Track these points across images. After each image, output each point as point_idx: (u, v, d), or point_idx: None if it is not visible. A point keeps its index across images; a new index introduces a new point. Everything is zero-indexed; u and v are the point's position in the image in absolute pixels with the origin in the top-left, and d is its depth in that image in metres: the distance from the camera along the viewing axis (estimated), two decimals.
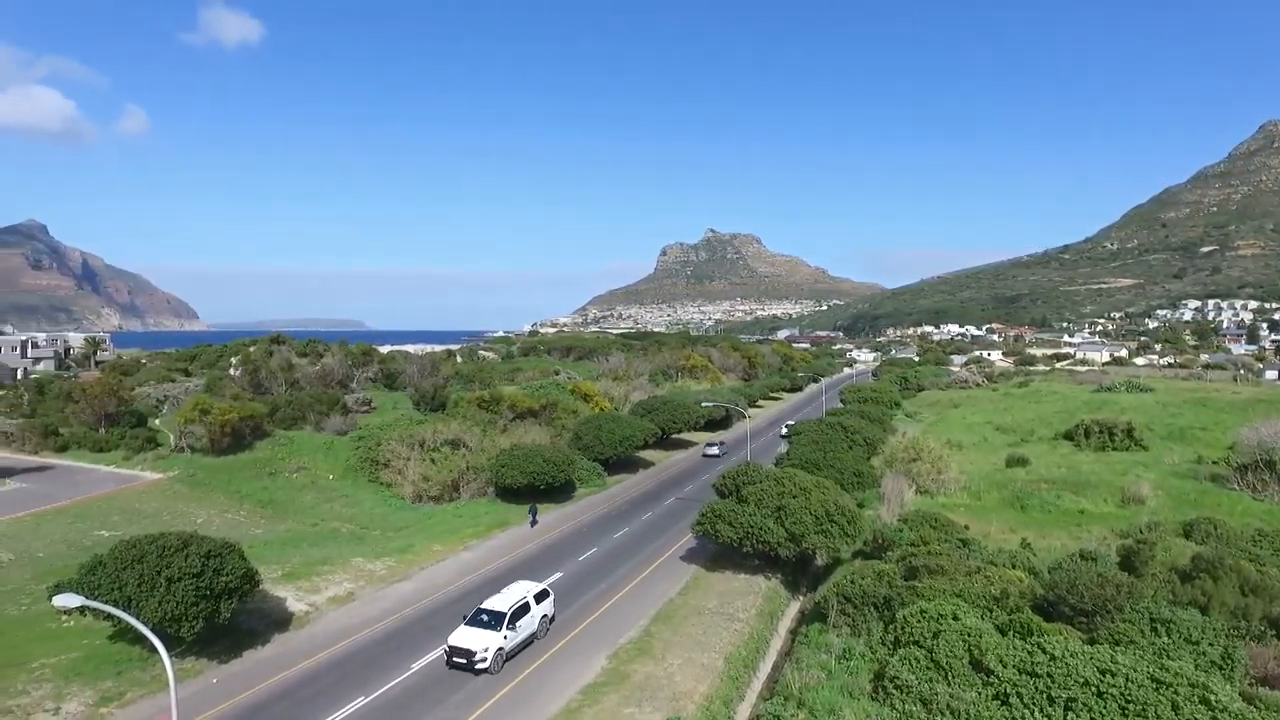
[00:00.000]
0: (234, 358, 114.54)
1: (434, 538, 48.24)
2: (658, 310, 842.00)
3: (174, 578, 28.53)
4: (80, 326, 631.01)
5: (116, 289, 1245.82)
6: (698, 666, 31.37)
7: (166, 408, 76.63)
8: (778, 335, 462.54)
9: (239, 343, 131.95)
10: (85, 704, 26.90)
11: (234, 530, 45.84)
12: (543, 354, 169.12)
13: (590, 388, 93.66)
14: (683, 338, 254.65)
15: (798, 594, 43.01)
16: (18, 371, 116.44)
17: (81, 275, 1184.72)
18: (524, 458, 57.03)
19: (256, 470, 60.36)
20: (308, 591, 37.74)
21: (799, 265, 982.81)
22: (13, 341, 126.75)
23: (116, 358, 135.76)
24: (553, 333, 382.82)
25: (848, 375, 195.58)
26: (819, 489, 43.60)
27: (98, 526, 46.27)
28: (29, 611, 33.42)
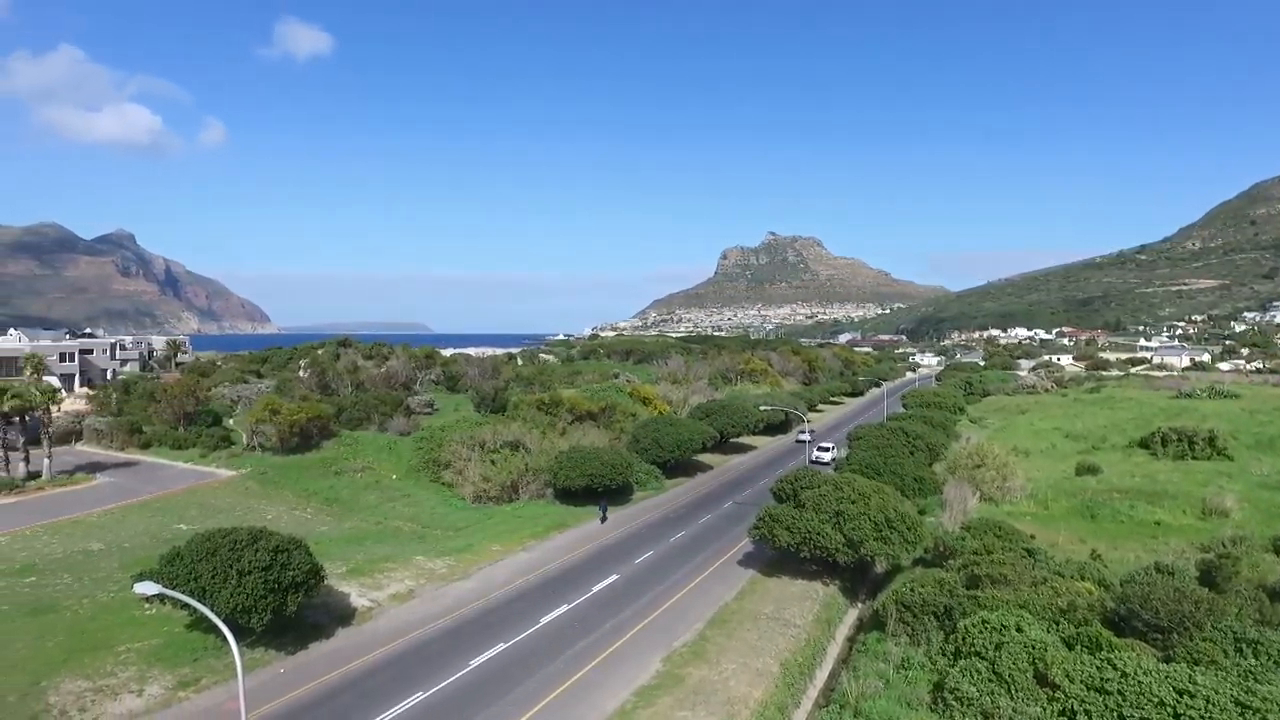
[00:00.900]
0: (303, 360, 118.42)
1: (493, 538, 49.01)
2: (717, 313, 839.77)
3: (244, 571, 29.66)
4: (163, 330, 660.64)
5: (195, 294, 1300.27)
6: (753, 672, 31.18)
7: (240, 408, 79.61)
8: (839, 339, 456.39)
9: (308, 345, 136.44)
10: (165, 688, 28.20)
11: (301, 527, 47.29)
12: (602, 357, 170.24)
13: (649, 391, 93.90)
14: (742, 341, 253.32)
15: (856, 601, 42.38)
16: (107, 372, 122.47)
17: (164, 281, 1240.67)
18: (582, 460, 57.50)
19: (323, 469, 62.23)
20: (370, 588, 38.74)
21: (861, 268, 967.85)
22: (103, 344, 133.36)
23: (195, 360, 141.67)
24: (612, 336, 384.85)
25: (910, 380, 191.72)
26: (879, 495, 42.88)
27: (176, 520, 48.35)
28: (116, 598, 35.14)
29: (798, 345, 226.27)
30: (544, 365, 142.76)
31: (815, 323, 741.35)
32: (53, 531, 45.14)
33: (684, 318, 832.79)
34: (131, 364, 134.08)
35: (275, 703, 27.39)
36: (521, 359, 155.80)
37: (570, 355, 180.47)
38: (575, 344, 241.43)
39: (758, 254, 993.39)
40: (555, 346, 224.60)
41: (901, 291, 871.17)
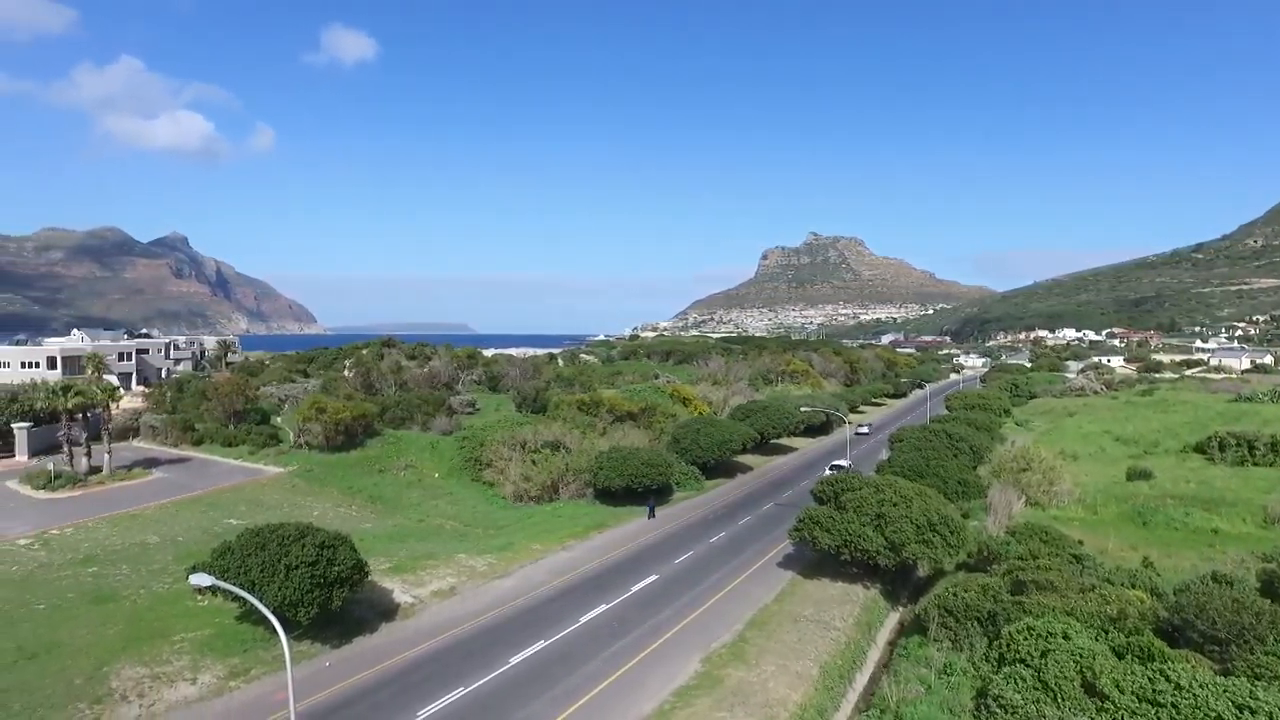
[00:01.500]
0: (348, 360, 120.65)
1: (534, 537, 49.43)
2: (758, 314, 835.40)
3: (292, 565, 30.38)
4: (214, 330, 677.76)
5: (245, 295, 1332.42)
6: (792, 674, 31.01)
7: (287, 406, 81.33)
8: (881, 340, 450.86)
9: (353, 346, 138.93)
10: (217, 676, 29.05)
11: (346, 523, 48.20)
12: (642, 358, 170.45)
13: (689, 391, 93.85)
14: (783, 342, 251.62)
15: (897, 605, 41.87)
16: (162, 371, 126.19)
17: (215, 283, 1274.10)
18: (622, 460, 57.70)
19: (367, 467, 63.36)
20: (413, 584, 39.35)
21: (904, 268, 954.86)
22: (158, 344, 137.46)
23: (244, 359, 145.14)
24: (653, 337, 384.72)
25: (954, 381, 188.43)
26: (921, 497, 42.33)
27: (227, 515, 49.64)
28: (171, 589, 36.26)
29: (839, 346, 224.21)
30: (584, 366, 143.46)
31: (857, 323, 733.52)
32: (112, 524, 46.69)
33: (724, 318, 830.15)
34: (184, 363, 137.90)
35: (321, 695, 28.01)
36: (562, 359, 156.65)
37: (610, 356, 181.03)
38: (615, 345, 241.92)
39: (799, 254, 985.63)
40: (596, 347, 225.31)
41: (945, 292, 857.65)
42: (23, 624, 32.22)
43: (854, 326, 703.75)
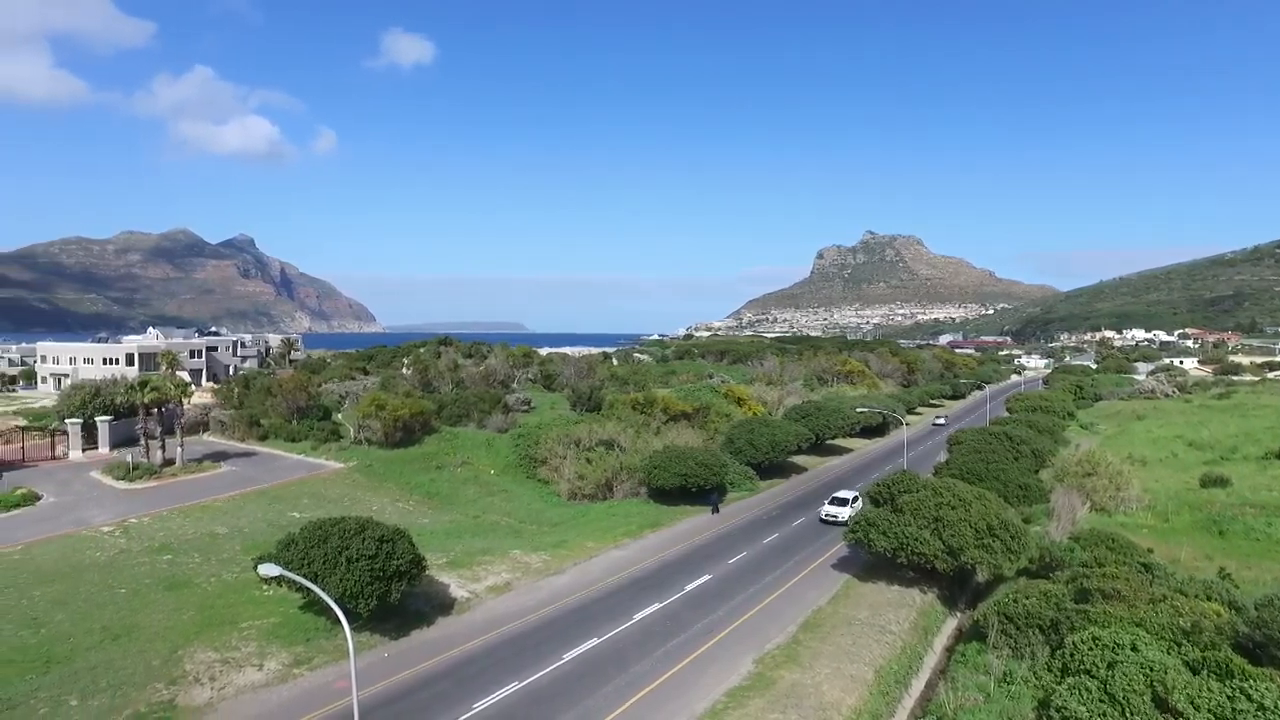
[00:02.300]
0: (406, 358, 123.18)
1: (587, 535, 49.78)
2: (813, 314, 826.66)
3: (352, 558, 31.18)
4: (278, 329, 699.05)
5: (307, 295, 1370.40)
6: (846, 677, 30.67)
7: (347, 403, 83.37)
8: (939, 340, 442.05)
9: (411, 344, 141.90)
10: (282, 664, 30.04)
11: (404, 518, 49.26)
12: (696, 357, 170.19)
13: (743, 391, 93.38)
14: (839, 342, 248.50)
15: (955, 610, 41.04)
16: (230, 368, 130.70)
17: (280, 283, 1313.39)
18: (676, 459, 57.74)
19: (424, 463, 64.59)
20: (469, 580, 40.02)
21: (963, 267, 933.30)
22: (226, 342, 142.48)
23: (307, 357, 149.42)
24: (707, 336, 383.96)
25: (1015, 383, 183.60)
26: (980, 501, 41.41)
27: (291, 508, 51.17)
28: (239, 578, 37.61)
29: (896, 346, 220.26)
30: (639, 365, 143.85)
31: (914, 324, 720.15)
32: (184, 514, 48.55)
33: (779, 318, 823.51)
34: (250, 360, 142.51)
35: (379, 685, 28.69)
36: (616, 359, 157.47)
37: (665, 355, 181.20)
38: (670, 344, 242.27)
39: (855, 253, 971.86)
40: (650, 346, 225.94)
41: (1006, 291, 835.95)
42: (107, 606, 33.92)
43: (911, 327, 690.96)
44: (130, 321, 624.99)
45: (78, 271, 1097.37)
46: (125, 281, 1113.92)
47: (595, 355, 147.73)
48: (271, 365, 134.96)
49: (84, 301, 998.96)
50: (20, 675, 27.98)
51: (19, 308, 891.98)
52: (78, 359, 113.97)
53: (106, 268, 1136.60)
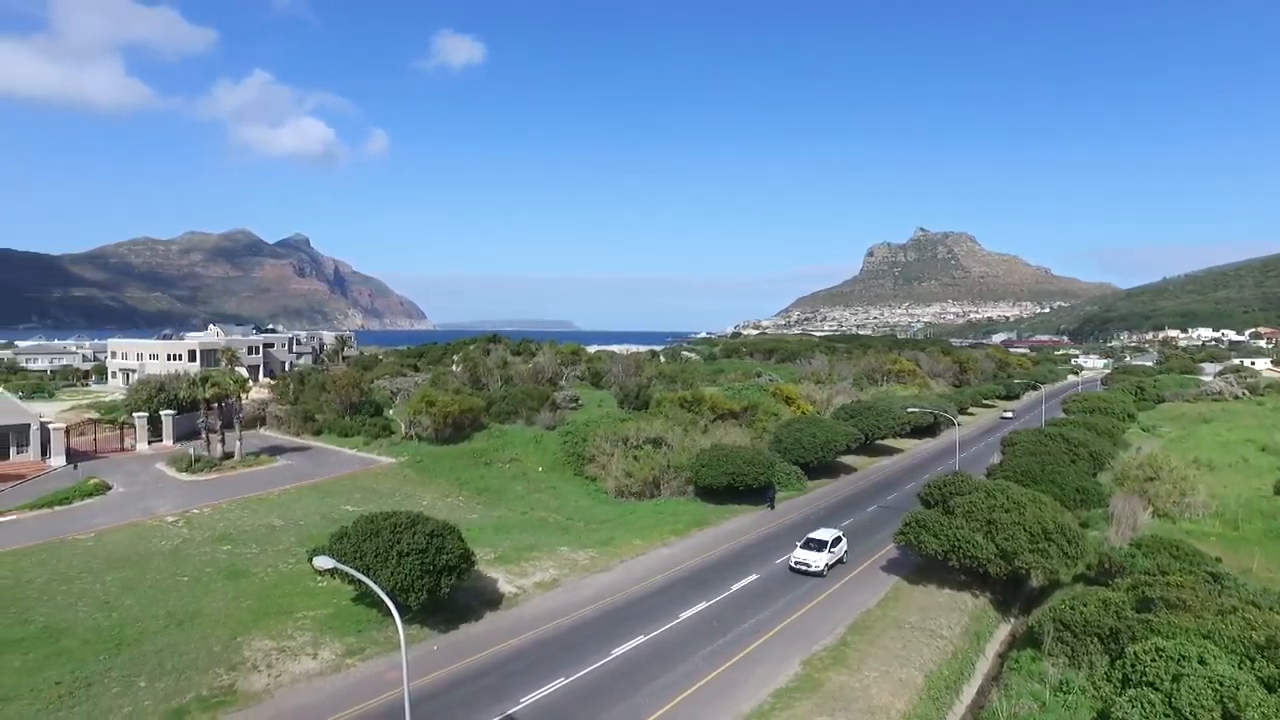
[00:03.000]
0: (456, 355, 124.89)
1: (634, 532, 49.88)
2: (863, 312, 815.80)
3: (403, 552, 31.71)
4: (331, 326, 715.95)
5: (360, 293, 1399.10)
6: (895, 681, 30.20)
7: (398, 399, 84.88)
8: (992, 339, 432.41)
9: (460, 342, 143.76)
10: (335, 653, 30.75)
11: (453, 513, 49.91)
12: (744, 356, 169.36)
13: (792, 390, 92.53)
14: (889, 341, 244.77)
15: (1008, 615, 40.08)
16: (285, 364, 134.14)
17: (333, 281, 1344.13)
18: (724, 458, 57.49)
19: (473, 459, 65.41)
20: (517, 575, 40.42)
21: (1018, 264, 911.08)
22: (282, 339, 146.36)
23: (359, 354, 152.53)
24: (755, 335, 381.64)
25: (1072, 383, 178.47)
26: (1035, 504, 40.39)
27: (343, 502, 52.32)
28: (294, 569, 38.62)
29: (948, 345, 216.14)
30: (686, 363, 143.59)
31: (967, 322, 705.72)
32: (242, 506, 50.04)
33: (828, 316, 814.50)
34: (305, 357, 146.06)
35: (429, 677, 29.14)
36: (664, 357, 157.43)
37: (712, 354, 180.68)
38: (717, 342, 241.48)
39: (906, 251, 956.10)
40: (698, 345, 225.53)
41: (1063, 289, 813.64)
42: (172, 593, 35.22)
43: (963, 325, 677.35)
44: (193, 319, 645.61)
45: (145, 271, 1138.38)
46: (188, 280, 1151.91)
47: (643, 353, 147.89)
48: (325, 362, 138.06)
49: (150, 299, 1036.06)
50: (95, 655, 29.37)
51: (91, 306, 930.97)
52: (144, 355, 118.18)
53: (171, 267, 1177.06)
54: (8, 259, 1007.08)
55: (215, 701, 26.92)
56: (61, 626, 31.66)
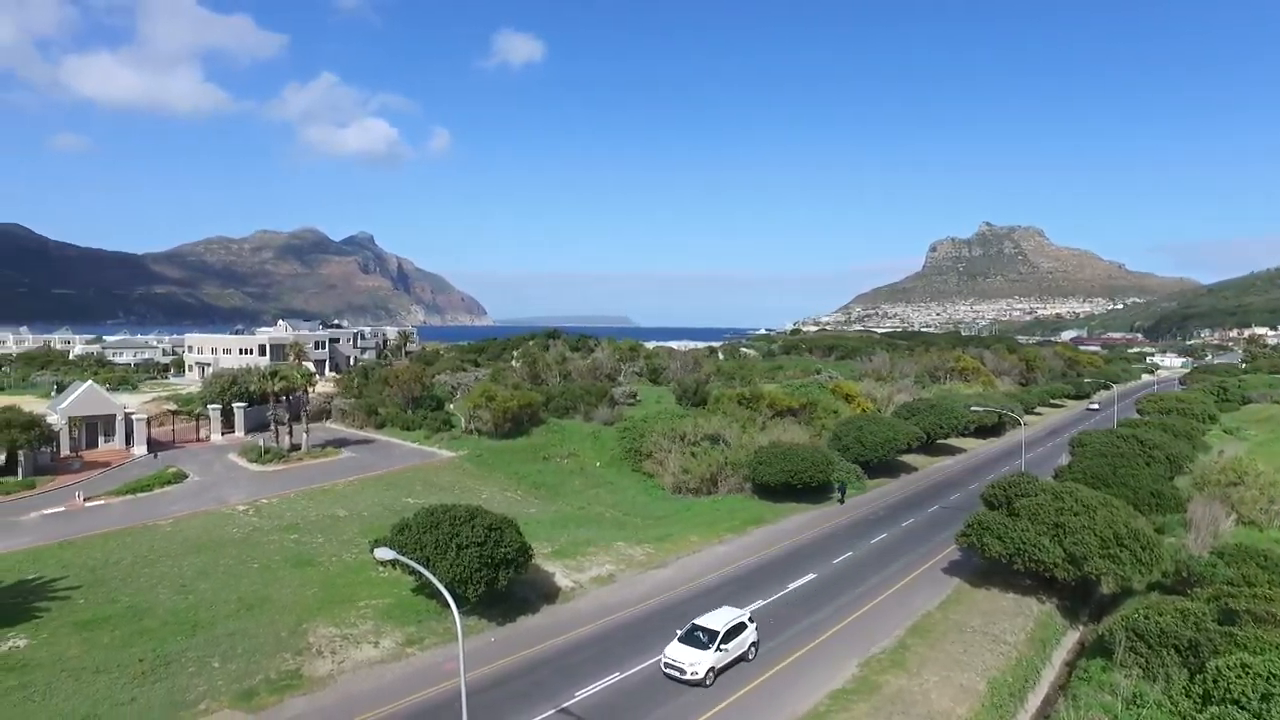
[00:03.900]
0: (515, 351, 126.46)
1: (691, 529, 49.77)
2: (925, 309, 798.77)
3: (462, 545, 32.23)
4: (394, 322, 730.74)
5: (422, 289, 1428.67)
6: (956, 686, 29.48)
7: (459, 394, 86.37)
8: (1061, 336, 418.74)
9: (520, 337, 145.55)
10: (395, 642, 31.46)
11: (511, 507, 50.55)
12: (804, 353, 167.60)
13: (852, 388, 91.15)
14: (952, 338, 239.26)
15: (1077, 623, 38.69)
16: (350, 359, 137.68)
17: (396, 278, 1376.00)
18: (782, 456, 56.95)
19: (532, 454, 66.11)
20: (573, 569, 40.72)
21: (1089, 259, 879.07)
22: (347, 334, 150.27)
23: (421, 349, 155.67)
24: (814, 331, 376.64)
25: (1147, 383, 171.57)
26: (1106, 507, 38.93)
27: (405, 494, 53.46)
28: (357, 559, 39.67)
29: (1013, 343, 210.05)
30: (745, 360, 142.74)
31: (1034, 319, 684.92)
32: (309, 497, 51.55)
33: (889, 313, 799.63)
34: (369, 352, 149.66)
35: (486, 668, 29.58)
36: (723, 353, 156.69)
37: (771, 350, 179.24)
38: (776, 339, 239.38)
39: (970, 246, 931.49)
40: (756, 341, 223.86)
41: (1138, 285, 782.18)
42: (243, 579, 36.56)
43: (1031, 322, 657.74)
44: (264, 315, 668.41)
45: (219, 268, 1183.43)
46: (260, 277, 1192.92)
47: (701, 350, 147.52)
48: (388, 357, 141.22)
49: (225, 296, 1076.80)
50: (173, 635, 30.83)
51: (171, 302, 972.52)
52: (218, 349, 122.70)
53: (243, 265, 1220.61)
54: (98, 259, 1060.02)
55: (282, 685, 27.82)
56: (144, 607, 33.21)
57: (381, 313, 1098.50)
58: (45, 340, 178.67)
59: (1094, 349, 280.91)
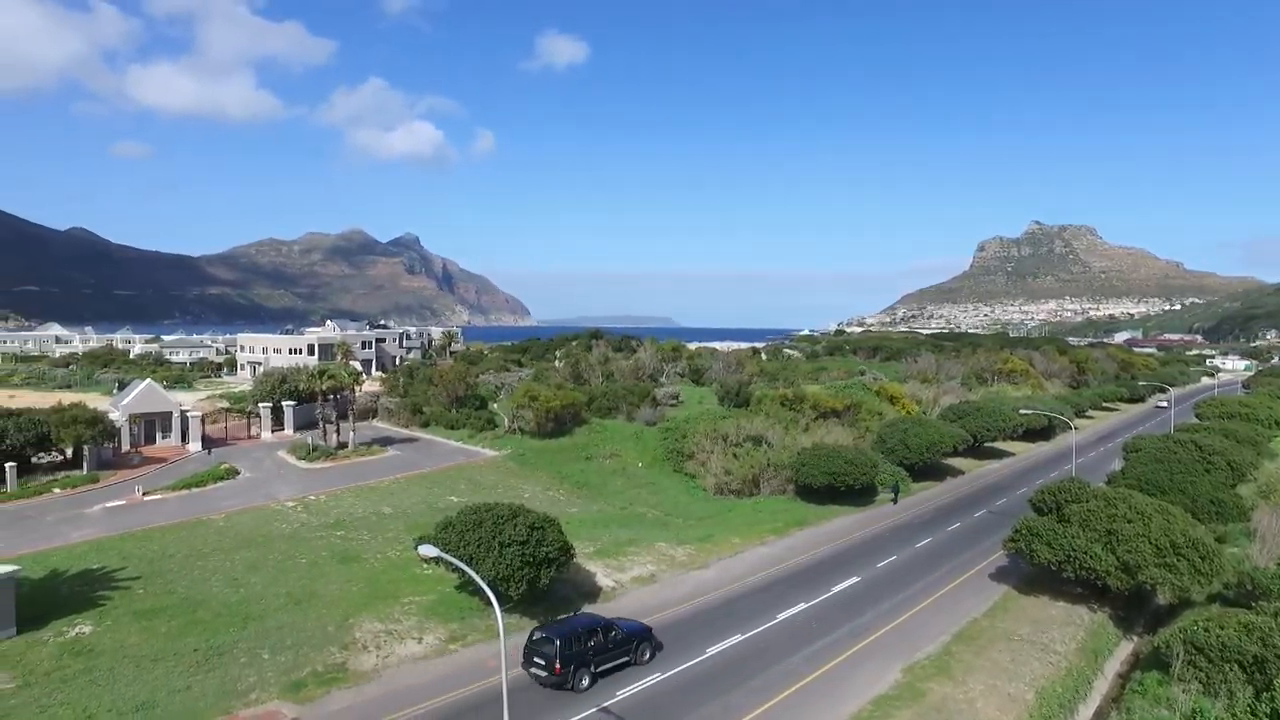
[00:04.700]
0: (558, 351, 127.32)
1: (733, 530, 49.57)
2: (972, 310, 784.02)
3: (505, 543, 32.52)
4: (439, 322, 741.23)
5: (466, 290, 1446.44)
6: (1003, 696, 28.88)
7: (502, 393, 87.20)
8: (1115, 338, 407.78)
9: (562, 337, 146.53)
10: (438, 639, 31.91)
11: (553, 506, 50.84)
12: (848, 353, 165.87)
13: (896, 389, 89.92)
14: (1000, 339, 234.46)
15: (1130, 633, 37.60)
16: (396, 359, 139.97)
17: (441, 278, 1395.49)
18: (825, 457, 56.44)
19: (574, 454, 66.45)
20: (615, 569, 40.83)
21: (1144, 258, 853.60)
22: (393, 334, 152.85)
23: (465, 349, 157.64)
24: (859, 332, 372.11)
25: (1206, 386, 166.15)
26: (1162, 515, 37.74)
27: (448, 492, 54.15)
28: (402, 556, 40.30)
29: (1064, 344, 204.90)
30: (788, 361, 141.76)
31: (1086, 320, 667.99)
32: (355, 494, 52.53)
33: (935, 314, 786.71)
34: (414, 352, 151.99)
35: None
36: (765, 354, 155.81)
37: (815, 351, 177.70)
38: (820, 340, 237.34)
39: (1019, 245, 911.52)
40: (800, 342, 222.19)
41: (1197, 284, 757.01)
42: (291, 574, 37.39)
43: (1082, 323, 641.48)
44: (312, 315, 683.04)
45: (270, 270, 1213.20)
46: (308, 278, 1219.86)
47: (744, 350, 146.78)
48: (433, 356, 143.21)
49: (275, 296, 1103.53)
50: (225, 627, 31.71)
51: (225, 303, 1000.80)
52: (269, 349, 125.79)
53: (293, 266, 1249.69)
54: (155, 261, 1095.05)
55: (329, 678, 28.41)
56: (198, 599, 34.18)
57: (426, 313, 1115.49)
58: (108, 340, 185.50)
59: (1149, 351, 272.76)
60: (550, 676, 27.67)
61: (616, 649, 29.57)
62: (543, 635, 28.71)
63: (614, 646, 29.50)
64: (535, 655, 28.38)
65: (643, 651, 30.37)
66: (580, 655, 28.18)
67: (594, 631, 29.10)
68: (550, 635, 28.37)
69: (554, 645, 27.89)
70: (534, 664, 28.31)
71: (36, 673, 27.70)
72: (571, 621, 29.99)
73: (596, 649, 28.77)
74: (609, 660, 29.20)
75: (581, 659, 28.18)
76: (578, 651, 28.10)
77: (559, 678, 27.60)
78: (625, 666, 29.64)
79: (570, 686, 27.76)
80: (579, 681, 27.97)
